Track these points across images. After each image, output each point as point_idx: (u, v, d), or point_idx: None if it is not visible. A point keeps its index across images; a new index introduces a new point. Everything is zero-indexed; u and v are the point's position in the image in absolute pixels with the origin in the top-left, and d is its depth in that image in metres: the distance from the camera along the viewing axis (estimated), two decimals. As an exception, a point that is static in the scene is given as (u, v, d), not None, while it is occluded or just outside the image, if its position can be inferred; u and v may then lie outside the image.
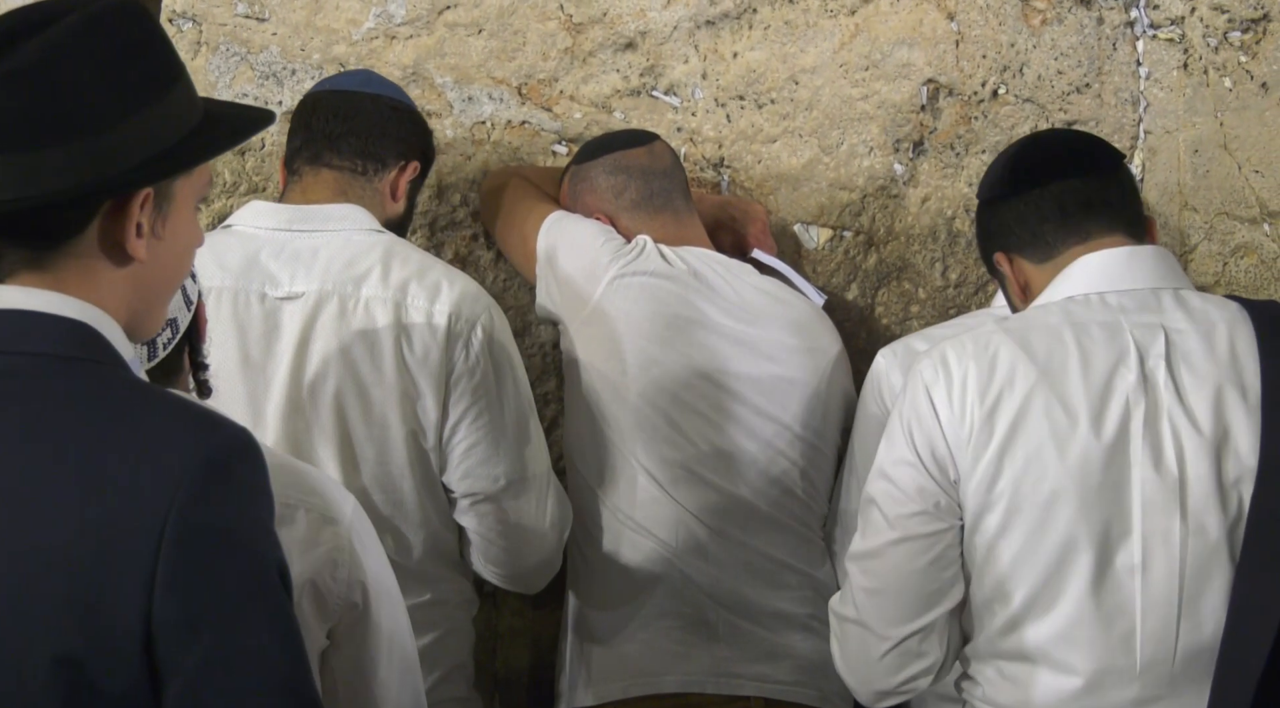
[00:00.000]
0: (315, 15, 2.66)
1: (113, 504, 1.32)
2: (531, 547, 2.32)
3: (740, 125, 2.65)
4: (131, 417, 1.37)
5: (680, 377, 2.32)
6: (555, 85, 2.67)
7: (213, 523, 1.33)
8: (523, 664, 2.73)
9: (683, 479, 2.30)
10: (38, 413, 1.38)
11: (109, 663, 1.33)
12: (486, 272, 2.69)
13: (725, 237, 2.57)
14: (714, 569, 2.30)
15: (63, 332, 1.41)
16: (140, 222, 1.43)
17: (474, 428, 2.22)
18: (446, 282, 2.23)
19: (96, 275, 1.43)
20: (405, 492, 2.22)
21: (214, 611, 1.33)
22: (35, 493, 1.35)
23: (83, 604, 1.33)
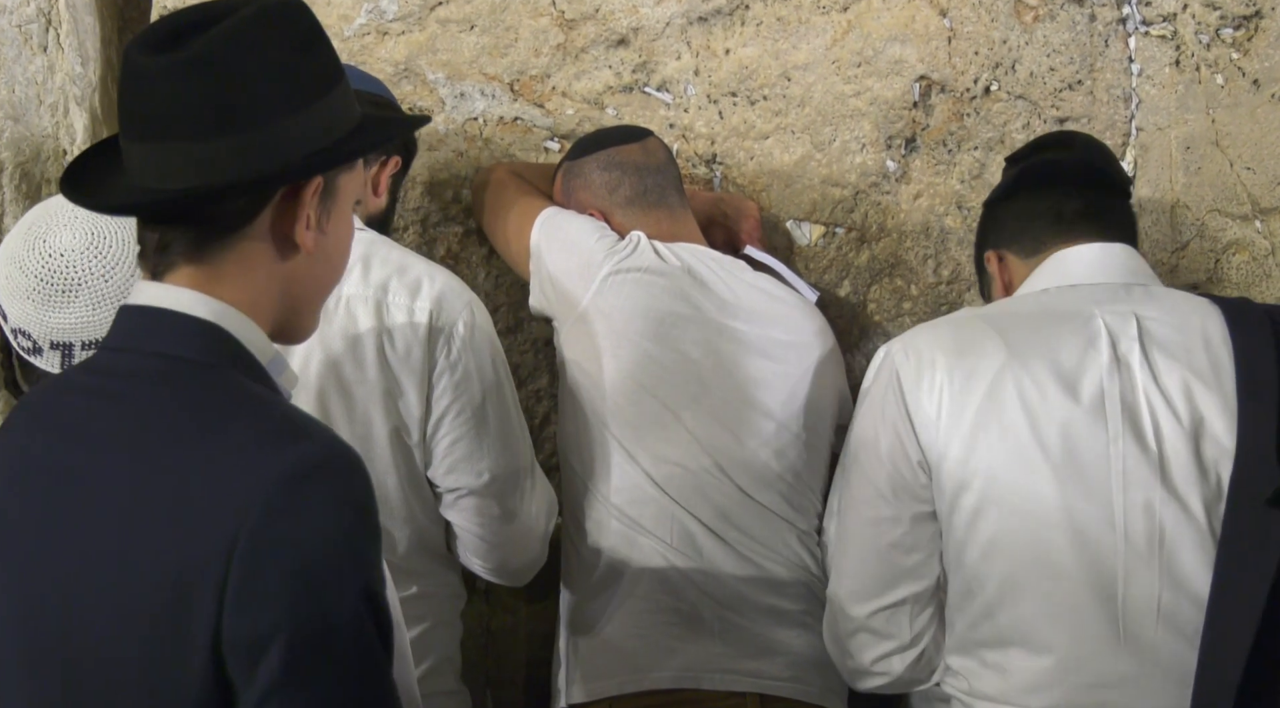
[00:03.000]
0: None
1: (194, 518, 1.32)
2: (517, 542, 2.32)
3: (732, 122, 2.65)
4: (222, 427, 1.36)
5: (674, 373, 2.31)
6: (548, 82, 2.66)
7: (283, 539, 1.31)
8: (517, 660, 2.73)
9: (676, 475, 2.30)
10: (148, 418, 1.39)
11: (185, 680, 1.32)
12: (479, 268, 2.69)
13: (718, 233, 2.57)
14: (708, 565, 2.30)
15: (191, 333, 1.42)
16: (309, 213, 1.44)
17: (457, 424, 2.21)
18: (427, 278, 2.22)
19: (256, 269, 1.44)
20: (390, 488, 2.21)
21: (281, 630, 1.30)
22: (134, 501, 1.35)
23: (163, 619, 1.33)
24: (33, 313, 1.80)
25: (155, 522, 1.34)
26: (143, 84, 1.41)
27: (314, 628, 1.31)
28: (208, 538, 1.31)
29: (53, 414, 1.47)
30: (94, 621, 1.37)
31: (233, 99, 1.40)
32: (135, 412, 1.40)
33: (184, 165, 1.41)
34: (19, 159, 2.66)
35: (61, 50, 2.68)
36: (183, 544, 1.32)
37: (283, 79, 1.41)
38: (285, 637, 1.30)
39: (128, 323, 1.46)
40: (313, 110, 1.43)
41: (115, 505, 1.37)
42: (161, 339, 1.43)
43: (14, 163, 2.66)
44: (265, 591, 1.31)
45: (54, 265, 1.79)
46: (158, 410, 1.39)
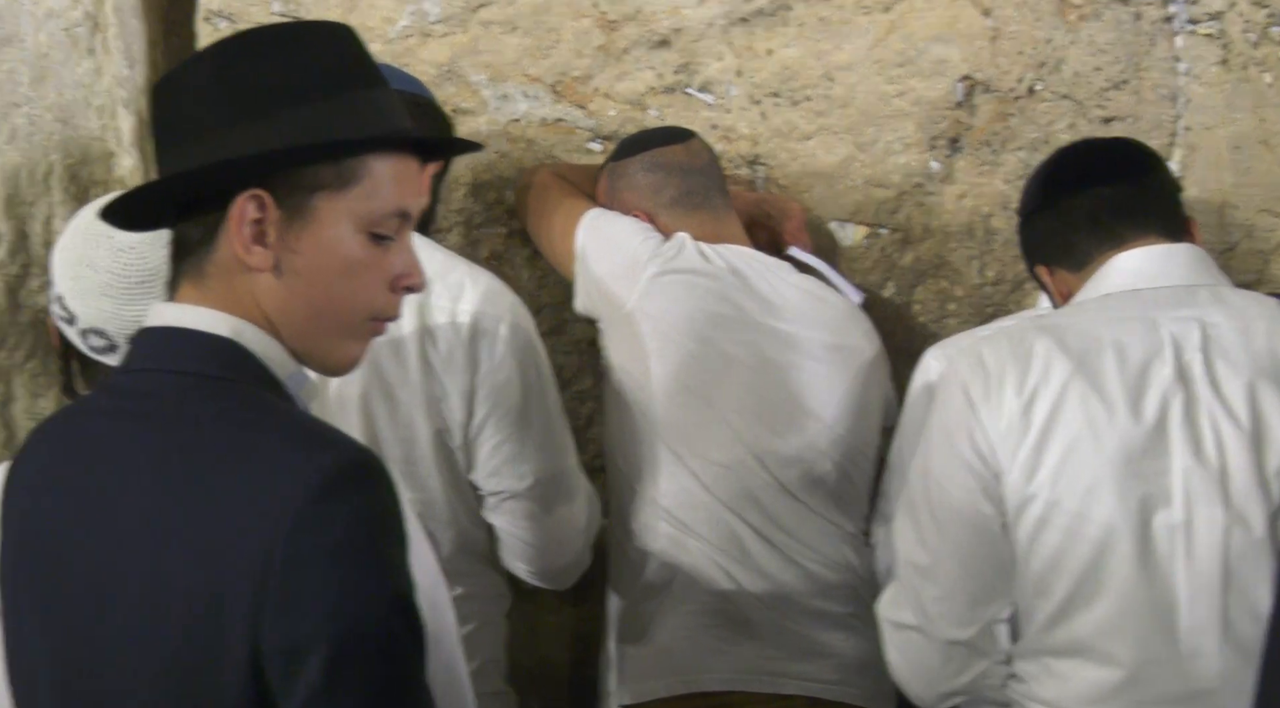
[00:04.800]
0: (350, 14, 2.66)
1: (226, 534, 1.32)
2: (560, 544, 2.32)
3: (775, 122, 2.65)
4: (250, 440, 1.36)
5: (719, 375, 2.31)
6: (590, 83, 2.67)
7: (316, 551, 1.31)
8: (562, 661, 2.73)
9: (722, 477, 2.30)
10: (171, 436, 1.39)
11: (223, 694, 1.33)
12: (522, 269, 2.69)
13: (761, 234, 2.56)
14: (754, 567, 2.30)
15: (210, 349, 1.42)
16: (260, 229, 1.42)
17: (500, 427, 2.22)
18: (470, 280, 2.22)
19: (235, 288, 1.44)
20: (433, 491, 2.22)
21: (318, 640, 1.30)
22: (161, 519, 1.35)
23: (197, 636, 1.33)
24: (110, 309, 1.81)
25: (184, 540, 1.34)
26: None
27: (349, 638, 1.32)
28: (239, 553, 1.32)
29: (74, 437, 1.48)
30: (125, 641, 1.38)
31: (177, 112, 1.46)
32: (158, 430, 1.40)
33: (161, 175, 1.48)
34: (68, 161, 2.69)
35: (109, 53, 2.69)
36: (213, 560, 1.33)
37: (217, 95, 1.43)
38: (322, 647, 1.31)
39: (146, 343, 1.47)
40: (257, 124, 1.42)
41: (142, 525, 1.37)
42: (181, 357, 1.43)
43: (63, 165, 2.69)
44: (300, 603, 1.31)
45: (126, 259, 1.80)
46: (181, 428, 1.39)
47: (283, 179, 1.42)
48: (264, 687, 1.32)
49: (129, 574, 1.37)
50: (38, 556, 1.46)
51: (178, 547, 1.34)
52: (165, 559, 1.35)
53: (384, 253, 1.47)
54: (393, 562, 1.35)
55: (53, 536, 1.44)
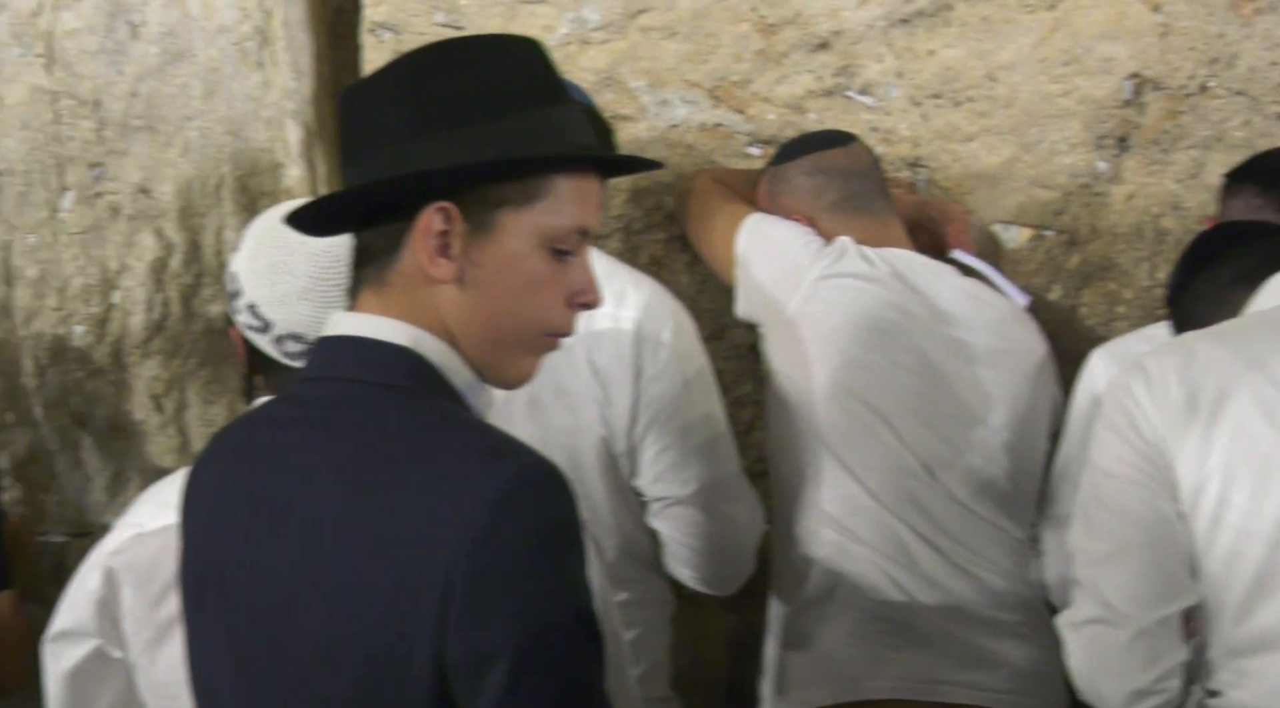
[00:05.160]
0: (510, 22, 2.69)
1: (409, 543, 1.33)
2: (724, 550, 2.31)
3: (936, 124, 2.61)
4: (430, 452, 1.37)
5: (884, 379, 2.29)
6: (748, 87, 2.66)
7: (498, 563, 1.32)
8: (723, 667, 2.73)
9: (888, 483, 2.27)
10: (353, 445, 1.40)
11: (409, 699, 1.34)
12: (682, 275, 2.69)
13: (923, 237, 2.53)
14: (921, 573, 2.27)
15: (390, 359, 1.44)
16: (445, 241, 1.43)
17: (663, 433, 2.22)
18: (633, 287, 2.23)
19: (416, 298, 1.45)
20: (597, 497, 2.23)
21: (501, 651, 1.31)
22: (345, 528, 1.37)
23: (381, 644, 1.34)
24: (309, 313, 1.83)
25: (367, 549, 1.35)
26: None
27: (533, 647, 1.32)
28: (423, 564, 1.32)
29: (255, 446, 1.50)
30: (308, 649, 1.40)
31: (365, 122, 1.47)
32: (340, 439, 1.42)
33: (345, 184, 1.50)
34: (238, 173, 2.75)
35: (277, 67, 2.75)
36: (397, 570, 1.33)
37: (405, 107, 1.44)
38: (507, 657, 1.31)
39: (327, 352, 1.49)
40: (434, 140, 1.43)
41: (326, 534, 1.38)
42: (362, 366, 1.45)
43: (234, 176, 2.75)
44: (484, 613, 1.31)
45: (323, 263, 1.83)
46: (363, 437, 1.41)
47: (469, 193, 1.43)
48: (450, 696, 1.33)
49: (313, 583, 1.39)
50: (219, 562, 1.48)
51: (362, 557, 1.35)
52: (349, 569, 1.36)
53: (563, 269, 1.48)
54: (574, 571, 1.36)
55: (234, 543, 1.47)
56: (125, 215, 2.76)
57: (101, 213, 2.76)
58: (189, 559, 1.54)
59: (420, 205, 1.43)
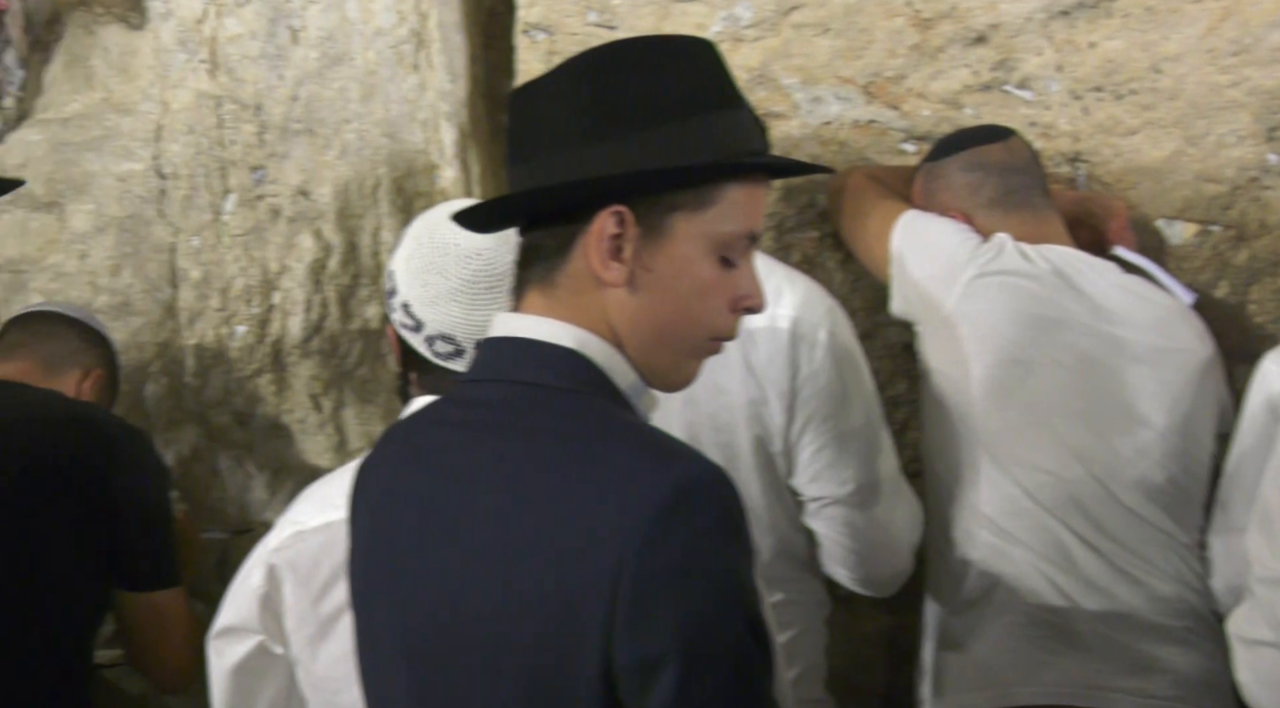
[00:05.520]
0: (663, 21, 2.68)
1: (576, 546, 1.33)
2: (883, 551, 2.29)
3: (1098, 118, 2.55)
4: (596, 455, 1.37)
5: (1045, 379, 2.24)
6: (903, 83, 2.62)
7: (667, 566, 1.31)
8: (878, 670, 2.70)
9: (1047, 484, 2.23)
10: (519, 447, 1.41)
11: (576, 703, 1.34)
12: (834, 273, 2.67)
13: (1083, 234, 2.47)
14: (1082, 577, 2.22)
15: (555, 360, 1.45)
16: (618, 244, 1.44)
17: (820, 432, 2.20)
18: (788, 286, 2.21)
19: (584, 300, 1.46)
20: (753, 496, 2.21)
21: (670, 655, 1.30)
22: (511, 530, 1.38)
23: (549, 649, 1.35)
24: (458, 314, 1.86)
25: (534, 552, 1.35)
26: None
27: (701, 653, 1.31)
28: (589, 567, 1.32)
29: (423, 447, 1.51)
30: (476, 650, 1.40)
31: (538, 123, 1.47)
32: (506, 441, 1.42)
33: (510, 187, 1.50)
34: (394, 174, 2.79)
35: (432, 69, 2.78)
36: (564, 574, 1.33)
37: (581, 108, 1.44)
38: (674, 663, 1.30)
39: (492, 354, 1.50)
40: (609, 143, 1.43)
41: (493, 536, 1.39)
42: (527, 368, 1.45)
43: (390, 178, 2.79)
44: (652, 618, 1.31)
45: (474, 266, 1.85)
46: (529, 439, 1.41)
47: (643, 197, 1.44)
48: (617, 701, 1.33)
49: (480, 585, 1.39)
50: (387, 562, 1.50)
51: (528, 559, 1.36)
52: (516, 571, 1.36)
53: (730, 274, 1.48)
54: (741, 576, 1.35)
55: (402, 543, 1.48)
56: (285, 217, 2.81)
57: (262, 215, 2.82)
58: (357, 558, 1.56)
59: (595, 208, 1.43)
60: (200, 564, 2.70)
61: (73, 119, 2.89)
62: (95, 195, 2.83)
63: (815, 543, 2.30)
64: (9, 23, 2.89)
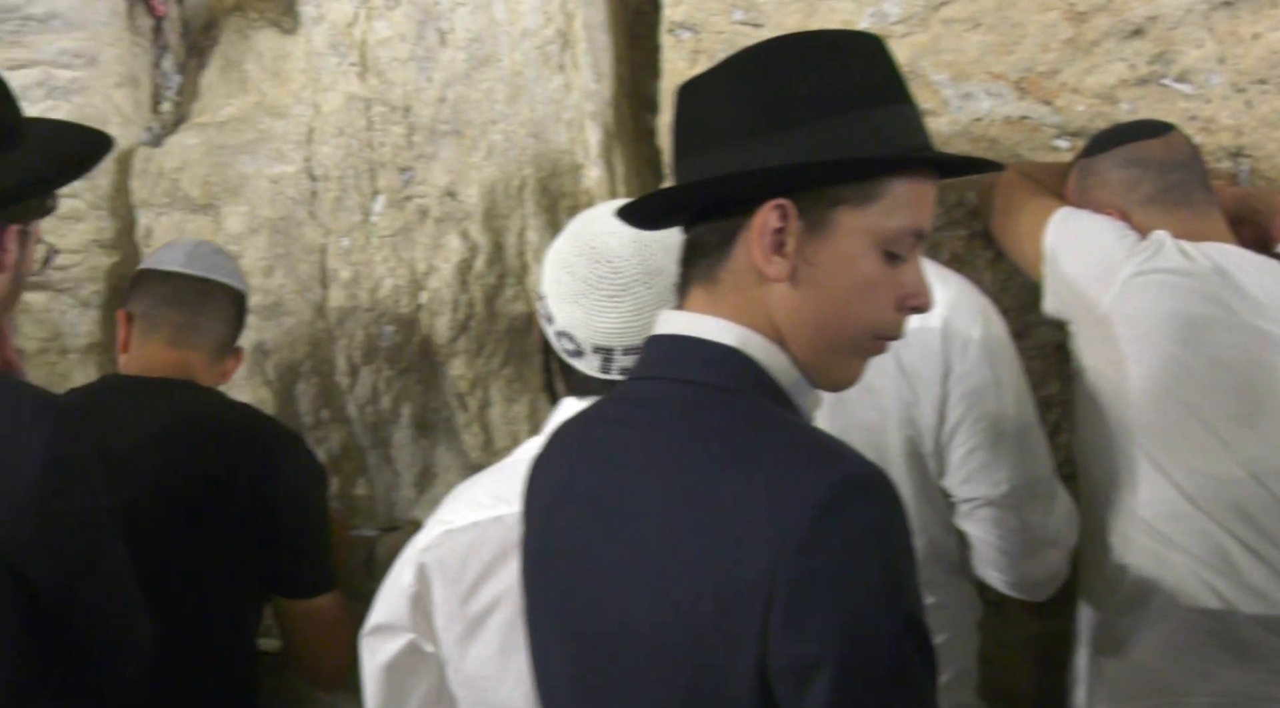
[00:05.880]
0: (809, 18, 2.66)
1: (733, 546, 1.32)
2: (1037, 554, 2.24)
3: (1261, 111, 2.47)
4: (754, 454, 1.36)
5: (1206, 380, 2.17)
6: (1056, 78, 2.57)
7: (824, 568, 1.29)
8: (1029, 675, 2.64)
9: (1209, 487, 2.16)
10: (680, 446, 1.41)
11: (733, 704, 1.33)
12: (984, 272, 2.62)
13: (1246, 231, 2.39)
14: (1245, 584, 2.15)
15: (717, 359, 1.44)
16: (780, 238, 1.43)
17: (973, 433, 2.16)
18: (940, 284, 2.17)
19: (746, 296, 1.45)
20: (904, 498, 2.17)
21: (825, 658, 1.29)
22: (670, 530, 1.38)
23: (706, 649, 1.34)
24: (580, 316, 1.87)
25: (692, 552, 1.35)
26: None
27: (857, 658, 1.29)
28: (746, 565, 1.31)
29: (588, 445, 1.52)
30: (636, 647, 1.40)
31: (703, 118, 1.47)
32: (667, 440, 1.42)
33: (678, 179, 1.49)
34: (539, 175, 2.80)
35: (578, 69, 2.79)
36: (721, 571, 1.32)
37: (746, 103, 1.43)
38: (830, 668, 1.29)
39: (655, 352, 1.50)
40: (774, 136, 1.42)
41: (653, 535, 1.39)
42: (689, 366, 1.45)
43: (535, 178, 2.80)
44: (809, 619, 1.29)
45: (601, 272, 1.86)
46: (689, 439, 1.40)
47: (807, 191, 1.42)
48: (774, 703, 1.31)
49: (640, 584, 1.39)
50: (555, 559, 1.51)
51: (687, 559, 1.35)
52: (674, 571, 1.36)
53: (895, 271, 1.47)
54: (901, 580, 1.33)
55: (568, 540, 1.49)
56: (433, 218, 2.83)
57: (410, 216, 2.84)
58: (528, 555, 1.57)
59: (757, 202, 1.42)
60: (349, 561, 2.73)
61: (227, 122, 2.95)
62: (249, 197, 2.89)
63: (966, 545, 2.27)
64: (167, 29, 2.96)
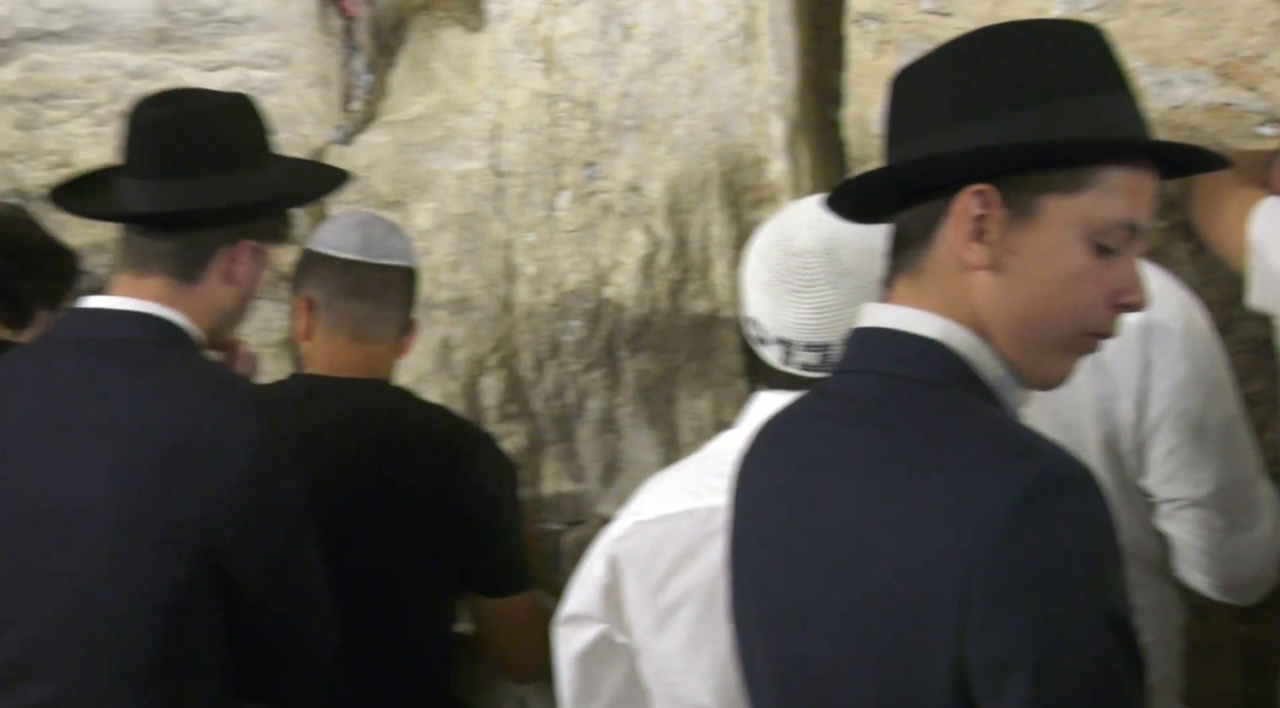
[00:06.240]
0: (1000, 6, 2.60)
1: (926, 540, 1.30)
2: (1245, 556, 2.16)
3: None
4: (952, 447, 1.34)
5: None
6: (1261, 62, 2.48)
7: (1020, 565, 1.26)
8: (1235, 681, 2.56)
9: None
10: (879, 439, 1.39)
11: (927, 700, 1.31)
12: (1183, 265, 2.54)
13: None
14: None
15: (917, 352, 1.41)
16: (981, 225, 1.40)
17: (1175, 430, 2.09)
18: None
19: (949, 287, 1.42)
20: None
21: (1023, 658, 1.25)
22: (868, 524, 1.36)
23: (900, 644, 1.32)
24: (767, 305, 1.87)
25: (890, 546, 1.33)
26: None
27: (1057, 657, 1.26)
28: (942, 563, 1.28)
29: (789, 439, 1.51)
30: (834, 641, 1.39)
31: (912, 105, 1.44)
32: (867, 434, 1.40)
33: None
34: (723, 169, 2.79)
35: (761, 61, 2.77)
36: (918, 568, 1.30)
37: (955, 89, 1.40)
38: (1029, 666, 1.25)
39: (858, 345, 1.48)
40: (980, 122, 1.38)
41: (852, 530, 1.37)
42: (890, 359, 1.43)
43: (719, 173, 2.79)
44: (1004, 618, 1.26)
45: (791, 265, 1.85)
46: (887, 432, 1.38)
47: (1012, 177, 1.38)
48: (972, 701, 1.29)
49: (836, 578, 1.38)
50: (755, 553, 1.50)
51: (884, 553, 1.33)
52: (870, 566, 1.34)
53: (1107, 265, 1.41)
54: (1104, 577, 1.29)
55: (768, 534, 1.48)
56: (616, 213, 2.84)
57: (594, 211, 2.85)
58: (733, 549, 1.57)
59: (959, 187, 1.39)
60: (537, 554, 2.75)
61: (415, 120, 2.99)
62: (436, 194, 2.92)
63: (1167, 546, 2.20)
64: (357, 29, 3.01)
